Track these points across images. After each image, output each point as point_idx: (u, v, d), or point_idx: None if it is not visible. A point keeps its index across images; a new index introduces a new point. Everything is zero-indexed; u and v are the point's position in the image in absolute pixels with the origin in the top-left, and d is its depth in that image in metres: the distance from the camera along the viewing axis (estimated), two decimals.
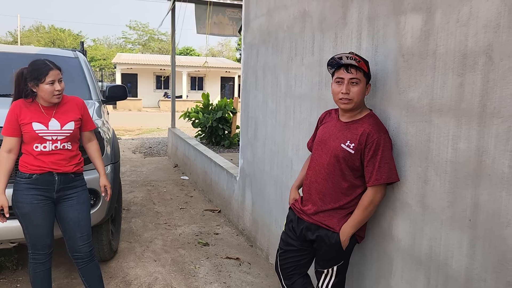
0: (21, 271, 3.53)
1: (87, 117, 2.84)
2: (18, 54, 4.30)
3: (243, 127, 4.58)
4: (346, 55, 2.08)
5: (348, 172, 2.16)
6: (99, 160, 2.91)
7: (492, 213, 1.66)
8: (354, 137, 2.11)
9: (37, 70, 2.57)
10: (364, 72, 2.11)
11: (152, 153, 10.10)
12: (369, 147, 2.06)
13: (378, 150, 2.05)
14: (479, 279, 1.73)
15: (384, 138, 2.06)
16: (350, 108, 2.15)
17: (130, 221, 4.93)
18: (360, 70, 2.09)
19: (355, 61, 2.07)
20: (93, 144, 2.90)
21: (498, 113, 1.62)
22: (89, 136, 2.88)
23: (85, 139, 2.86)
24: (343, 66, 2.12)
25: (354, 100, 2.11)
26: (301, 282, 2.36)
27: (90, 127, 2.87)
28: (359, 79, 2.10)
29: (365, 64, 2.09)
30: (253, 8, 4.20)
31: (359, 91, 2.10)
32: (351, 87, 2.10)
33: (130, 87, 28.93)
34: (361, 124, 2.13)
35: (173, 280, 3.50)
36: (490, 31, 1.65)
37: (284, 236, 2.43)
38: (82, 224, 2.74)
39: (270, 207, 3.82)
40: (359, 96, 2.11)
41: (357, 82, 2.10)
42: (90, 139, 2.89)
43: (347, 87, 2.11)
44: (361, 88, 2.11)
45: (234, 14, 8.98)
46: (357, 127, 2.13)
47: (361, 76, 2.10)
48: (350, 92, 2.10)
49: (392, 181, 2.08)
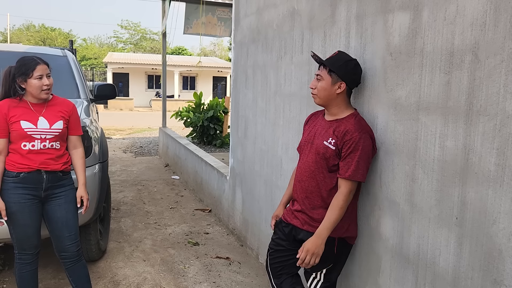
0: (7, 271, 3.49)
1: (74, 121, 2.76)
2: (5, 52, 4.24)
3: (234, 126, 4.56)
4: (312, 54, 2.22)
5: (330, 171, 2.16)
6: (81, 169, 2.77)
7: (479, 211, 1.66)
8: (335, 134, 2.13)
9: (24, 65, 2.55)
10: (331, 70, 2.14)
11: (143, 152, 10.04)
12: (349, 144, 2.06)
13: (358, 148, 2.05)
14: (466, 277, 1.73)
15: (365, 138, 2.07)
16: (317, 103, 2.25)
17: (119, 220, 4.89)
18: (326, 68, 2.17)
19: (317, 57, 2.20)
20: (78, 152, 2.77)
21: (485, 111, 1.62)
22: (75, 142, 2.76)
23: (70, 144, 2.75)
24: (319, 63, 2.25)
25: (318, 95, 2.21)
26: (289, 282, 2.35)
27: (76, 132, 2.77)
28: (322, 76, 2.19)
29: (332, 62, 2.15)
30: (243, 7, 4.19)
31: (321, 87, 2.18)
32: (317, 82, 2.21)
33: (121, 87, 28.77)
34: (344, 122, 2.15)
35: (162, 280, 3.47)
36: (477, 29, 1.65)
37: (274, 236, 2.44)
38: (70, 223, 2.70)
39: (260, 206, 3.81)
40: (321, 92, 2.19)
41: (320, 78, 2.20)
42: (75, 146, 2.77)
43: (313, 82, 2.24)
44: (323, 85, 2.17)
45: (224, 14, 8.96)
46: (340, 125, 2.15)
47: (325, 73, 2.17)
48: (315, 88, 2.22)
49: (361, 181, 2.10)
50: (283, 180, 3.32)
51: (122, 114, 22.83)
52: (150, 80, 30.64)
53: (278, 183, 3.43)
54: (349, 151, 2.06)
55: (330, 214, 2.09)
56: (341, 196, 2.09)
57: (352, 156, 2.06)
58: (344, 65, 2.14)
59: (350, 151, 2.06)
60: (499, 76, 1.56)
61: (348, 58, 2.18)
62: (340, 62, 2.15)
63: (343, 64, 2.14)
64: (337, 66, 2.13)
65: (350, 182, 2.08)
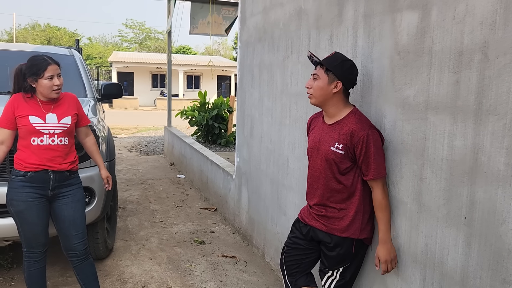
0: (16, 269, 3.52)
1: (81, 112, 2.84)
2: (13, 51, 4.27)
3: (239, 125, 4.57)
4: (310, 53, 2.19)
5: (342, 174, 2.16)
6: (97, 154, 2.93)
7: (488, 210, 1.66)
8: (341, 138, 2.13)
9: (36, 65, 2.57)
10: (328, 69, 2.13)
11: (148, 151, 10.07)
12: (360, 145, 2.06)
13: (370, 145, 2.05)
14: (475, 276, 1.73)
15: (371, 133, 2.07)
16: (312, 103, 2.23)
17: (126, 219, 4.91)
18: (323, 67, 2.16)
19: (314, 57, 2.18)
20: (90, 139, 2.92)
21: (494, 111, 1.62)
22: (85, 131, 2.89)
23: (81, 134, 2.87)
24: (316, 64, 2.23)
25: (314, 94, 2.19)
26: (304, 280, 2.38)
27: (85, 122, 2.88)
28: (319, 75, 2.17)
29: (329, 61, 2.14)
30: (249, 6, 4.19)
31: (317, 86, 2.17)
32: (313, 82, 2.19)
33: (126, 86, 28.84)
34: (345, 123, 2.14)
35: (169, 279, 3.48)
36: (486, 28, 1.64)
37: (291, 234, 2.46)
38: (77, 222, 2.72)
39: (266, 205, 3.82)
40: (317, 91, 2.17)
41: (317, 77, 2.18)
42: (87, 134, 2.90)
43: (309, 82, 2.22)
44: (319, 84, 2.16)
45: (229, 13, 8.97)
46: (342, 127, 2.14)
47: (322, 72, 2.16)
48: (311, 87, 2.20)
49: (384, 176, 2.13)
50: (289, 179, 3.33)
51: (127, 113, 22.90)
52: (154, 79, 30.70)
53: (284, 182, 3.43)
54: (363, 152, 2.07)
55: (381, 216, 2.13)
56: (377, 196, 2.12)
57: (367, 155, 2.06)
58: (341, 65, 2.14)
59: (364, 151, 2.06)
60: (509, 75, 1.56)
61: (344, 58, 2.19)
62: (336, 61, 2.15)
63: (340, 63, 2.14)
64: (334, 66, 2.13)
65: (378, 180, 2.10)
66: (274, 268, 3.65)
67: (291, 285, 2.41)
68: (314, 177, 2.29)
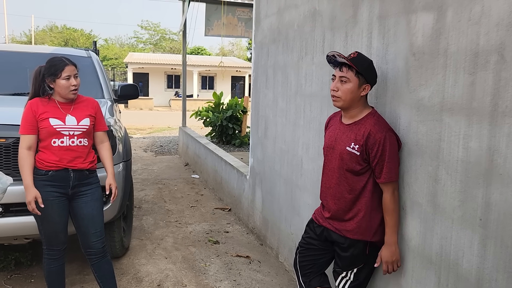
0: (36, 266, 3.59)
1: (100, 117, 2.89)
2: (32, 53, 4.37)
3: (254, 126, 4.59)
4: (337, 54, 2.12)
5: (355, 175, 2.17)
6: (109, 161, 2.90)
7: (504, 212, 1.65)
8: (357, 139, 2.13)
9: (53, 66, 2.65)
10: (358, 72, 2.11)
11: (163, 151, 10.17)
12: (376, 147, 2.06)
13: (386, 148, 2.05)
14: (490, 279, 1.72)
15: (388, 136, 2.07)
16: (339, 106, 2.19)
17: (141, 218, 4.98)
18: (352, 69, 2.11)
19: (345, 59, 2.10)
20: (105, 146, 2.91)
21: (510, 112, 1.61)
22: (101, 137, 2.90)
23: (97, 140, 2.89)
24: (339, 64, 2.17)
25: (342, 98, 2.15)
26: (317, 280, 2.40)
27: (103, 128, 2.91)
28: (349, 78, 2.12)
29: (359, 64, 2.10)
30: (263, 7, 4.21)
31: (347, 90, 2.13)
32: (341, 85, 2.14)
33: (141, 86, 29.13)
34: (363, 124, 2.14)
35: (184, 277, 3.53)
36: (503, 30, 1.64)
37: (305, 235, 2.48)
38: (96, 220, 2.78)
39: (280, 205, 3.83)
40: (347, 95, 2.13)
41: (346, 80, 2.13)
42: (102, 141, 2.90)
43: (336, 84, 2.17)
44: (350, 87, 2.12)
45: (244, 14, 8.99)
46: (360, 128, 2.14)
47: (352, 75, 2.11)
48: (338, 90, 2.15)
49: (396, 180, 2.13)
50: (304, 180, 3.34)
51: (142, 113, 23.12)
52: (169, 80, 30.94)
53: (298, 183, 3.44)
54: (378, 154, 2.07)
55: (388, 219, 2.14)
56: (387, 199, 2.13)
57: (382, 158, 2.06)
58: (369, 68, 2.14)
59: (379, 154, 2.06)
60: None
61: (369, 60, 2.18)
62: (365, 64, 2.13)
63: (368, 66, 2.14)
64: (364, 68, 2.12)
65: (388, 184, 2.10)
66: (288, 269, 3.66)
67: (305, 285, 2.43)
68: (328, 176, 2.30)
